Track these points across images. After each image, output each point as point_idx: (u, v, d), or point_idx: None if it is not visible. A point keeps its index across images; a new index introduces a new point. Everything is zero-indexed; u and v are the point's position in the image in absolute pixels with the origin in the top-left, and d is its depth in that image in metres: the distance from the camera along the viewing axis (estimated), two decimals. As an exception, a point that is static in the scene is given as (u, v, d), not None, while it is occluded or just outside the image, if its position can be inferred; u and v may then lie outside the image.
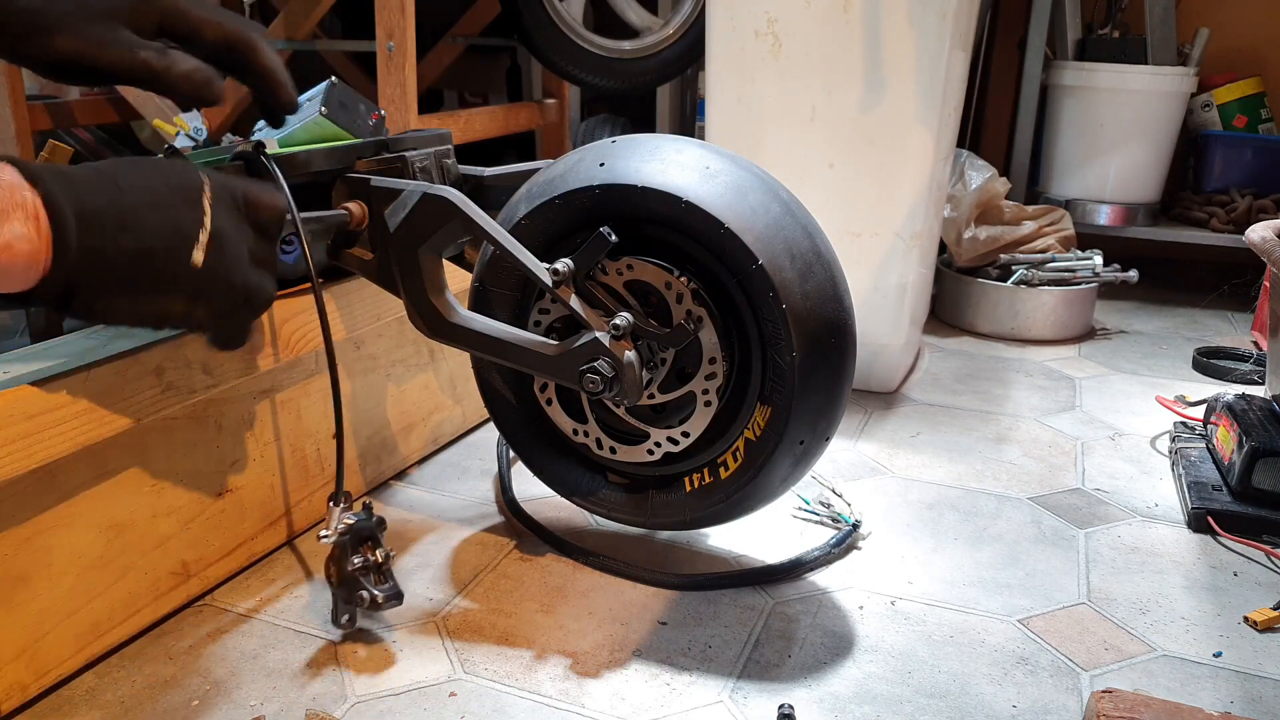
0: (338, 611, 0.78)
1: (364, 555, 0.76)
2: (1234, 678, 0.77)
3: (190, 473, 0.79)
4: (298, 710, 0.69)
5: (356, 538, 0.75)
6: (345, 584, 0.76)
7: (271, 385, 0.87)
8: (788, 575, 0.89)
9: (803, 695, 0.73)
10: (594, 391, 0.77)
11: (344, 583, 0.76)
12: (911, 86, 1.21)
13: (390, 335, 1.02)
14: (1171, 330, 1.77)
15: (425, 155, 0.90)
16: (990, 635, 0.81)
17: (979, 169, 1.71)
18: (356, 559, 0.75)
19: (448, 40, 2.07)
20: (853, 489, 1.07)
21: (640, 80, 1.94)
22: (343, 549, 0.75)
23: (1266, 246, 1.02)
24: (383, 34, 1.44)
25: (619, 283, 0.79)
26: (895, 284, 1.30)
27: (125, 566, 0.74)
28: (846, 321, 0.79)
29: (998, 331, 1.67)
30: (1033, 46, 1.98)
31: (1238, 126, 2.13)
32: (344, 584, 0.76)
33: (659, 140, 0.81)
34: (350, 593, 0.76)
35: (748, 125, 1.29)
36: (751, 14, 1.25)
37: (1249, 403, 1.09)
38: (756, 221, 0.76)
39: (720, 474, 0.83)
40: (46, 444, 0.66)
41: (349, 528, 0.75)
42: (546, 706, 0.71)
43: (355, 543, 0.75)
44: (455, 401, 1.16)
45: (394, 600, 0.76)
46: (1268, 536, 0.98)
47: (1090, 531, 1.00)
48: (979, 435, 1.24)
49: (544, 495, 0.99)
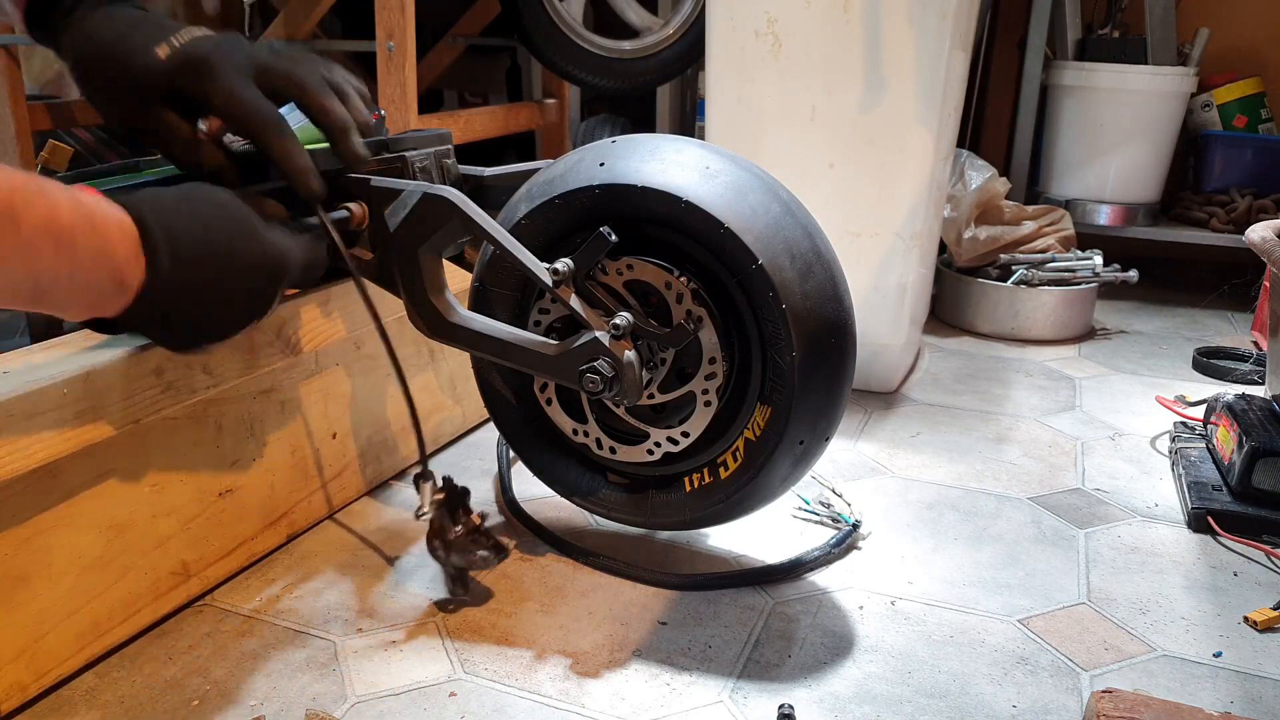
0: (453, 580, 0.81)
1: (461, 522, 0.80)
2: (1234, 678, 0.77)
3: (190, 473, 0.79)
4: (298, 710, 0.69)
5: (451, 507, 0.80)
6: (455, 551, 0.80)
7: (271, 385, 0.87)
8: (788, 575, 0.89)
9: (803, 695, 0.73)
10: (594, 391, 0.77)
11: (453, 551, 0.80)
12: (911, 86, 1.21)
13: (390, 335, 1.02)
14: (1171, 330, 1.77)
15: (425, 155, 0.90)
16: (990, 635, 0.81)
17: (979, 169, 1.71)
18: (458, 527, 0.79)
19: (448, 40, 2.07)
20: (853, 489, 1.07)
21: (640, 80, 1.94)
22: (442, 522, 0.79)
23: (1266, 246, 1.02)
24: (383, 34, 1.44)
25: (619, 283, 0.79)
26: (895, 284, 1.30)
27: (125, 566, 0.74)
28: (846, 321, 0.79)
29: (998, 331, 1.67)
30: (1033, 46, 1.98)
31: (1238, 126, 2.13)
32: (454, 552, 0.80)
33: (659, 140, 0.81)
34: (463, 557, 0.80)
35: (748, 125, 1.29)
36: (751, 14, 1.25)
37: (1249, 403, 1.09)
38: (756, 221, 0.76)
39: (720, 474, 0.83)
40: (46, 444, 0.66)
41: (441, 500, 0.79)
42: (546, 706, 0.71)
43: (452, 512, 0.80)
44: (455, 401, 1.16)
45: (503, 554, 0.81)
46: (1268, 536, 0.98)
47: (1090, 531, 1.00)
48: (979, 435, 1.24)
49: (544, 495, 0.99)
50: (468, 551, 0.80)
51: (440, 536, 0.80)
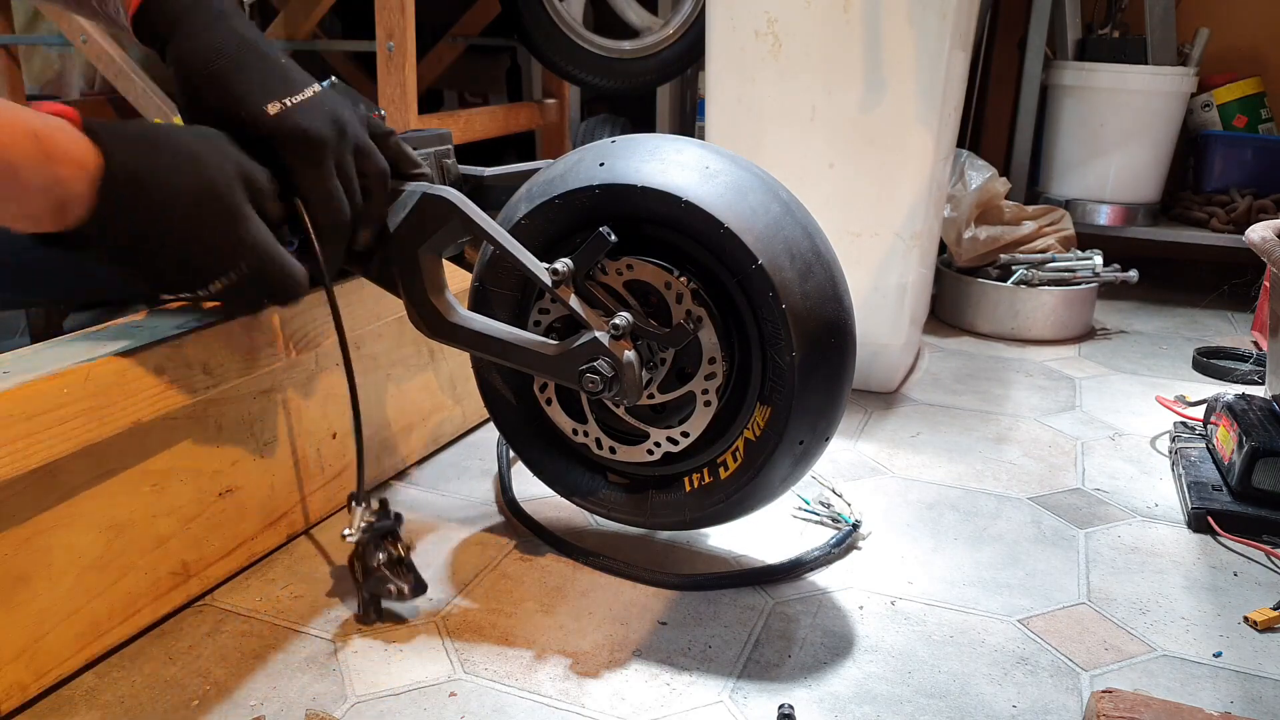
0: (365, 605, 0.80)
1: (387, 550, 0.78)
2: (1234, 678, 0.77)
3: (190, 473, 0.79)
4: (298, 710, 0.69)
5: (378, 534, 0.78)
6: (372, 580, 0.78)
7: (271, 385, 0.87)
8: (788, 575, 0.89)
9: (803, 695, 0.73)
10: (593, 391, 0.77)
11: (370, 579, 0.78)
12: (911, 86, 1.21)
13: (390, 335, 1.02)
14: (1171, 330, 1.77)
15: (425, 155, 0.90)
16: (990, 635, 0.81)
17: (979, 169, 1.71)
18: (381, 554, 0.78)
19: (448, 40, 2.07)
20: (853, 489, 1.07)
21: (640, 80, 1.94)
22: (366, 546, 0.78)
23: (1266, 246, 1.02)
24: (383, 34, 1.44)
25: (619, 283, 0.79)
26: (895, 284, 1.30)
27: (125, 566, 0.74)
28: (846, 321, 0.79)
29: (998, 331, 1.67)
30: (1033, 46, 1.98)
31: (1238, 126, 2.13)
32: (370, 580, 0.78)
33: (659, 140, 0.81)
34: (378, 587, 0.78)
35: (748, 125, 1.29)
36: (751, 14, 1.25)
37: (1249, 403, 1.09)
38: (756, 221, 0.76)
39: (720, 474, 0.83)
40: (46, 444, 0.66)
41: (370, 525, 0.77)
42: (546, 706, 0.71)
43: (377, 539, 0.78)
44: (455, 401, 1.16)
45: (419, 590, 0.79)
46: (1268, 536, 0.98)
47: (1090, 531, 1.00)
48: (979, 435, 1.24)
49: (544, 495, 0.99)
50: (384, 581, 0.78)
51: (361, 560, 0.78)
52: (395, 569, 0.79)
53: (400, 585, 0.78)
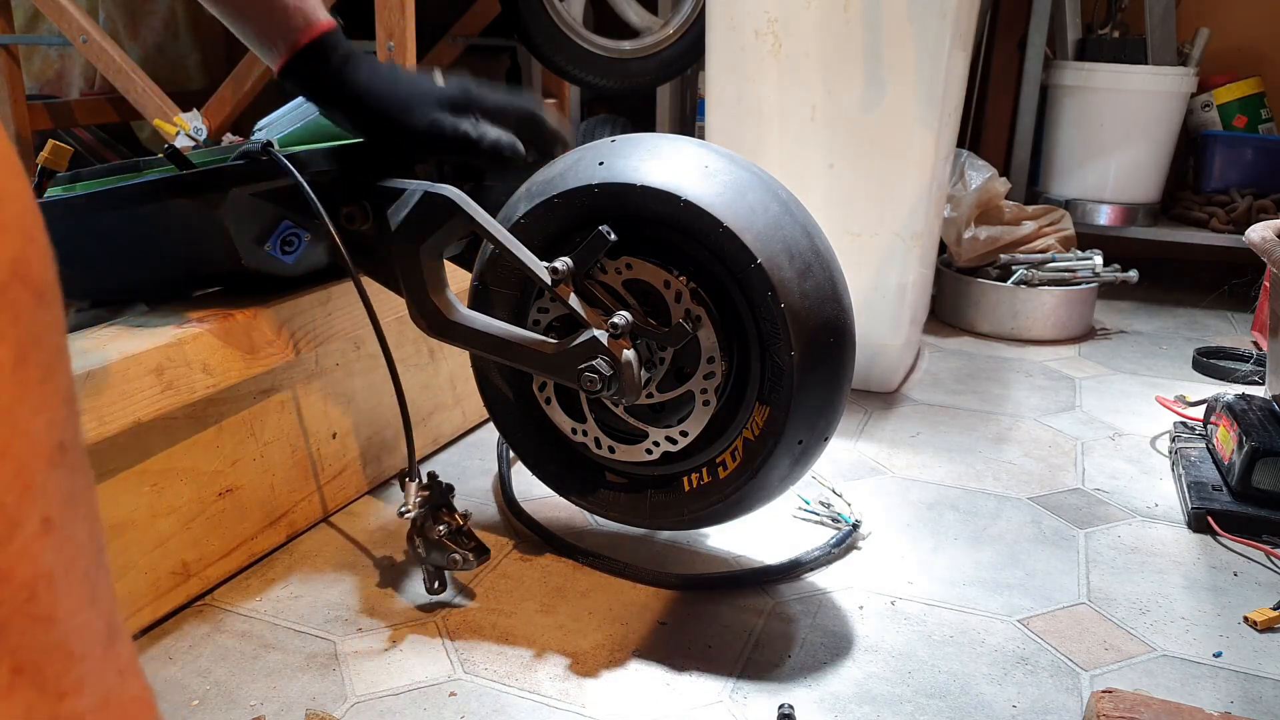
0: (431, 577, 0.82)
1: (445, 522, 0.80)
2: (1234, 678, 0.77)
3: (190, 473, 0.79)
4: (298, 710, 0.69)
5: (434, 507, 0.80)
6: (435, 550, 0.80)
7: (271, 385, 0.87)
8: (788, 575, 0.89)
9: (803, 695, 0.73)
10: (592, 390, 0.77)
11: (434, 551, 0.80)
12: (911, 86, 1.21)
13: (390, 335, 1.02)
14: (1171, 330, 1.77)
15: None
16: (990, 635, 0.81)
17: (979, 169, 1.71)
18: (440, 527, 0.80)
19: (448, 40, 2.07)
20: (853, 489, 1.07)
21: (640, 80, 1.94)
22: (424, 520, 0.80)
23: (1266, 246, 1.02)
24: (383, 34, 1.44)
25: (618, 282, 0.79)
26: (895, 284, 1.30)
27: (125, 566, 0.74)
28: (845, 321, 0.79)
29: (998, 331, 1.67)
30: (1033, 46, 1.98)
31: (1238, 126, 2.13)
32: (433, 551, 0.80)
33: (658, 139, 0.81)
34: (443, 558, 0.80)
35: (748, 125, 1.29)
36: (751, 14, 1.25)
37: (1249, 403, 1.09)
38: (755, 220, 0.76)
39: (719, 474, 0.83)
40: (46, 444, 0.66)
41: (425, 499, 0.80)
42: (546, 706, 0.71)
43: (434, 512, 0.80)
44: (455, 401, 1.16)
45: (483, 556, 0.82)
46: (1268, 536, 0.98)
47: (1090, 531, 1.00)
48: (979, 435, 1.24)
49: (544, 495, 0.99)
50: (446, 551, 0.80)
51: (421, 534, 0.81)
52: (456, 538, 0.81)
53: (465, 554, 0.81)
